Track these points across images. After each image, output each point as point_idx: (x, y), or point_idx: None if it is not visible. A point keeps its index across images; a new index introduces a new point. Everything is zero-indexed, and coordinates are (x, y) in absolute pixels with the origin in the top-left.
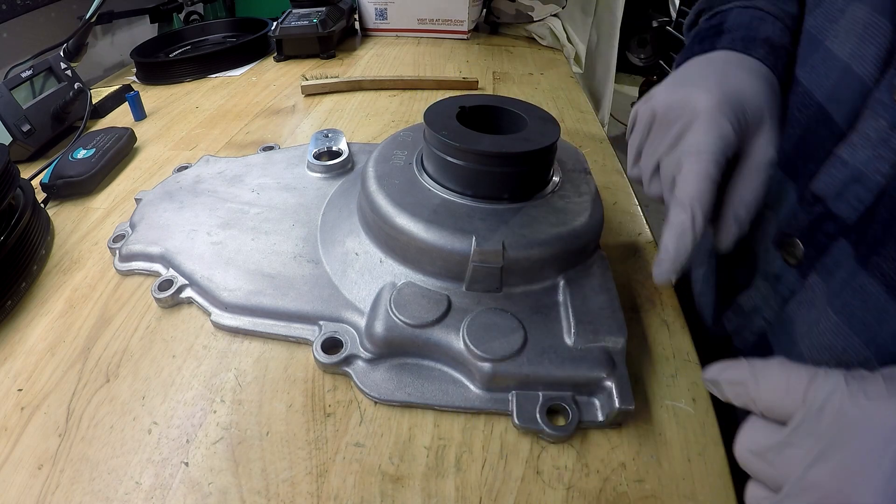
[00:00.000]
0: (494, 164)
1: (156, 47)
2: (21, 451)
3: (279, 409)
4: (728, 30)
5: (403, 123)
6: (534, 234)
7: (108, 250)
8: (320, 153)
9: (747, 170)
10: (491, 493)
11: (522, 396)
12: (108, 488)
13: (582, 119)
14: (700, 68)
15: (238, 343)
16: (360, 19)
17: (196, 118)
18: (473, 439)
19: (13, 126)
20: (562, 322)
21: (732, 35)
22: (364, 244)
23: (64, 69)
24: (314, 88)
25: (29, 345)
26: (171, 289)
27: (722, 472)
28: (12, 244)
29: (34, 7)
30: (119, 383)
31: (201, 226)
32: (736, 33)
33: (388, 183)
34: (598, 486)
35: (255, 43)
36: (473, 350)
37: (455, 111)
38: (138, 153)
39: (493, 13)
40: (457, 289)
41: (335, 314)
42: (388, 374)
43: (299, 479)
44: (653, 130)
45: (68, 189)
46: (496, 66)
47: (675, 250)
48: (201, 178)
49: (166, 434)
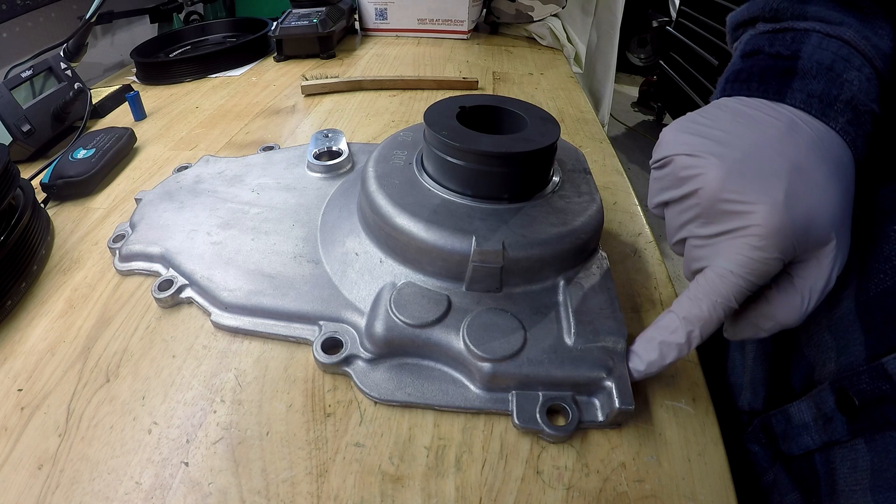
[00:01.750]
0: (494, 164)
1: (156, 47)
2: (21, 451)
3: (279, 409)
4: (803, 72)
5: (403, 123)
6: (534, 234)
7: (108, 250)
8: (320, 153)
9: (791, 289)
10: (491, 493)
11: (522, 396)
12: (108, 488)
13: (582, 119)
14: (767, 145)
15: (238, 343)
16: (360, 19)
17: (196, 118)
18: (473, 439)
19: (13, 126)
20: (562, 322)
21: (809, 85)
22: (364, 244)
23: (64, 69)
24: (314, 88)
25: (29, 345)
26: (171, 289)
27: (722, 472)
28: (12, 244)
29: (34, 7)
30: (119, 383)
31: (201, 226)
32: (814, 83)
33: (388, 183)
34: (598, 486)
35: (255, 43)
36: (473, 350)
37: (455, 111)
38: (138, 153)
39: (493, 13)
40: (457, 289)
41: (335, 314)
42: (388, 374)
43: (299, 479)
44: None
45: (68, 189)
46: (496, 66)
47: (659, 359)
48: (201, 178)
49: (166, 434)
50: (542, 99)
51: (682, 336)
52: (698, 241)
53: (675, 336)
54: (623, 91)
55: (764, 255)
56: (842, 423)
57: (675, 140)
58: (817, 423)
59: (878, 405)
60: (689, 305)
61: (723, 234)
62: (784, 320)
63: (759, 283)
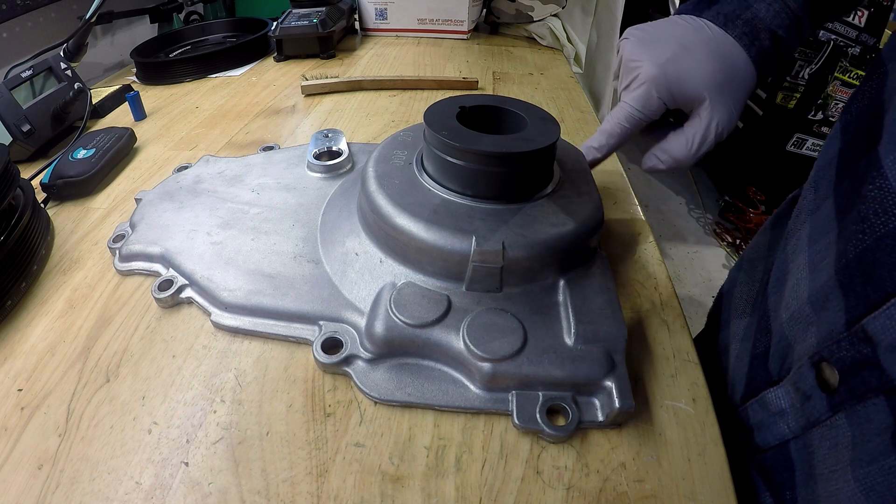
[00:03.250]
0: (494, 164)
1: (156, 47)
2: (21, 451)
3: (279, 409)
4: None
5: (403, 123)
6: (534, 234)
7: (108, 250)
8: (320, 153)
9: (681, 132)
10: (491, 493)
11: (522, 396)
12: (108, 488)
13: (582, 119)
14: (670, 32)
15: (238, 343)
16: (360, 19)
17: (196, 118)
18: (473, 439)
19: (13, 126)
20: (562, 322)
21: (722, 7)
22: (364, 244)
23: (64, 69)
24: (314, 88)
25: (29, 345)
26: (171, 289)
27: (722, 472)
28: (12, 244)
29: (34, 7)
30: (119, 383)
31: (201, 226)
32: (726, 6)
33: (388, 183)
34: (598, 486)
35: (255, 43)
36: (473, 350)
37: (455, 111)
38: (138, 153)
39: (493, 13)
40: (457, 289)
41: (335, 314)
42: (388, 374)
43: (299, 479)
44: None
45: (68, 189)
46: (496, 66)
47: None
48: (201, 178)
49: (166, 434)
50: (542, 99)
51: (595, 141)
52: (621, 85)
53: (592, 141)
54: None
55: (644, 92)
56: (821, 400)
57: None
58: (795, 406)
59: (859, 371)
60: (604, 124)
61: (628, 84)
62: (674, 153)
63: (644, 112)
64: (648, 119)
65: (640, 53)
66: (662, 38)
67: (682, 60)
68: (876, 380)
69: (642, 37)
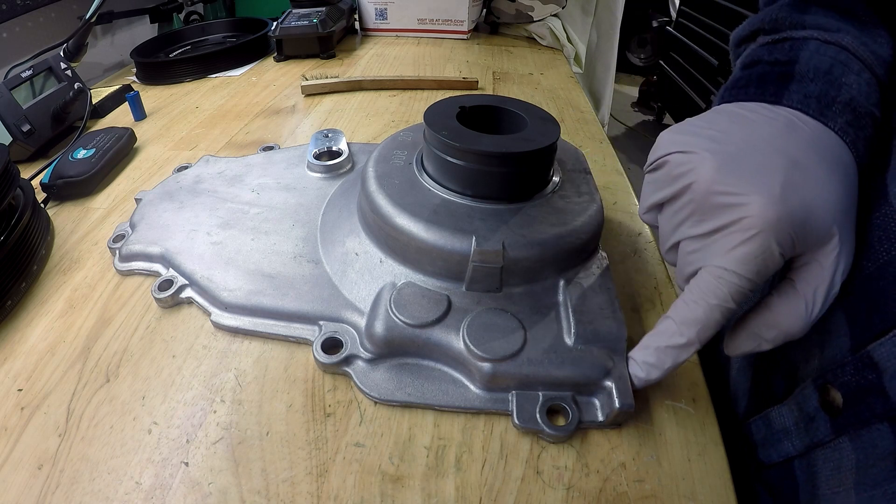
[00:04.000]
0: (494, 164)
1: (156, 47)
2: (21, 451)
3: (279, 409)
4: (800, 76)
5: (403, 123)
6: (534, 234)
7: (108, 250)
8: (320, 153)
9: (794, 293)
10: (491, 493)
11: (522, 396)
12: (108, 488)
13: (582, 119)
14: (763, 141)
15: (238, 343)
16: (360, 19)
17: (196, 118)
18: (473, 439)
19: (13, 126)
20: (562, 322)
21: (806, 87)
22: (364, 244)
23: (64, 69)
24: (314, 88)
25: (29, 345)
26: (171, 289)
27: (722, 472)
28: (12, 244)
29: (34, 7)
30: (119, 383)
31: (201, 226)
32: (811, 85)
33: (388, 183)
34: (598, 486)
35: (255, 43)
36: (473, 350)
37: (455, 111)
38: (138, 153)
39: (493, 13)
40: (457, 289)
41: (335, 314)
42: (388, 374)
43: (299, 479)
44: (682, 204)
45: (68, 189)
46: (496, 66)
47: (658, 364)
48: (201, 178)
49: (166, 434)
50: (542, 99)
51: (679, 341)
52: (692, 242)
53: (673, 341)
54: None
55: (760, 249)
56: (825, 423)
57: (669, 141)
58: (799, 426)
59: (864, 397)
60: (685, 309)
61: (717, 230)
62: (788, 328)
63: (757, 281)
64: (755, 290)
65: (736, 181)
66: (755, 148)
67: (801, 186)
68: (881, 406)
69: (726, 150)
